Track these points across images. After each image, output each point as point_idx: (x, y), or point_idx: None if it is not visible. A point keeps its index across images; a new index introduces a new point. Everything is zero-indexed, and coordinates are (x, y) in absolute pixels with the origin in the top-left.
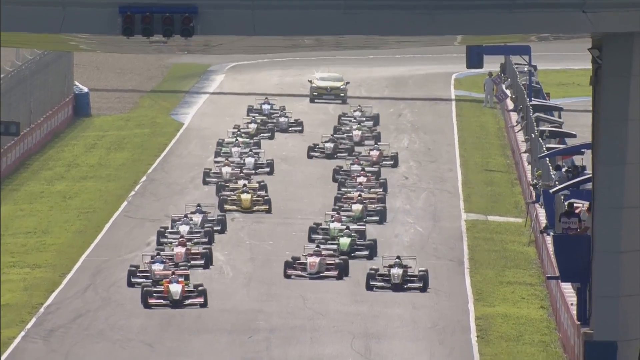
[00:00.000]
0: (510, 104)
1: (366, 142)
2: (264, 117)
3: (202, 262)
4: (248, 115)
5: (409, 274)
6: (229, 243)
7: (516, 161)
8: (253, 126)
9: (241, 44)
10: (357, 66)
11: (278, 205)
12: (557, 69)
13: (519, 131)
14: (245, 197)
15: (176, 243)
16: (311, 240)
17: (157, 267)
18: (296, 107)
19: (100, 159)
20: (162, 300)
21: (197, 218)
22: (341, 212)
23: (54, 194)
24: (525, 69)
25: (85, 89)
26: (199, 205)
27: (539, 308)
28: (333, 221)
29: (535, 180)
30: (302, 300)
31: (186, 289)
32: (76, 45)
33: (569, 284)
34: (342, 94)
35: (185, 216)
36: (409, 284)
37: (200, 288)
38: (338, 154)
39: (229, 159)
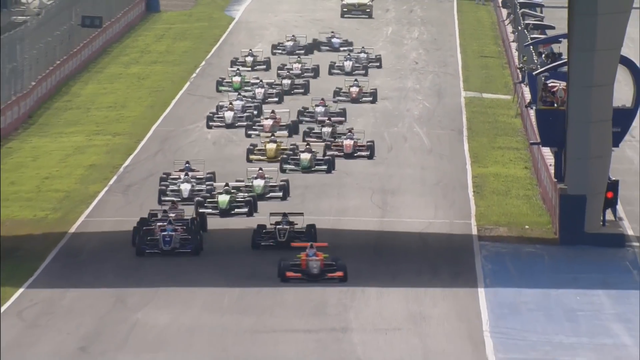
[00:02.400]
0: (500, 1)
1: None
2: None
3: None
4: (272, 51)
5: (295, 229)
6: None
7: (506, 49)
8: (249, 59)
9: None
10: None
11: None
12: None
13: (508, 24)
14: (271, 146)
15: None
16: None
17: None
18: (325, 5)
19: (167, 47)
20: (300, 275)
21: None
22: (291, 160)
23: (130, 75)
24: None
25: None
26: (187, 162)
27: (524, 168)
28: (256, 178)
29: (521, 64)
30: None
31: (325, 263)
32: None
33: (548, 148)
34: (369, 10)
35: (179, 175)
36: (295, 240)
37: (339, 262)
38: (268, 99)
39: (233, 102)
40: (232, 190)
